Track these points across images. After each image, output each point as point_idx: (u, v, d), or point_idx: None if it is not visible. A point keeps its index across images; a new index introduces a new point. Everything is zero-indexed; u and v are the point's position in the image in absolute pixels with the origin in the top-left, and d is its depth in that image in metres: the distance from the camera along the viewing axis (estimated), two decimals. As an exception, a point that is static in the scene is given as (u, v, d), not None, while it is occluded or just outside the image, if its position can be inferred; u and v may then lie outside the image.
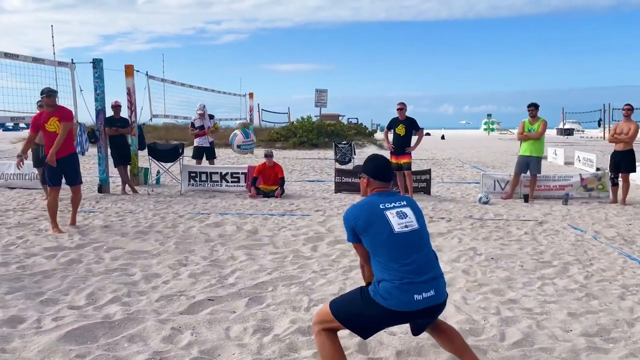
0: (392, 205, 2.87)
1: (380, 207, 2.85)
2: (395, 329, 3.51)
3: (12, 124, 40.63)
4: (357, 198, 9.92)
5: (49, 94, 6.88)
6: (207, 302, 4.25)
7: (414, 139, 9.93)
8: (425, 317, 2.82)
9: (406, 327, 3.26)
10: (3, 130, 47.73)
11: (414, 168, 10.24)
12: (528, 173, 9.66)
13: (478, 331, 3.72)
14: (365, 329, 2.84)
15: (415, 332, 3.05)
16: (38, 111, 8.96)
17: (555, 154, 19.10)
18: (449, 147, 29.17)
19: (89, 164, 15.59)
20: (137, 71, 11.88)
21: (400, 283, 2.68)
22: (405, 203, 2.94)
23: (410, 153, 9.62)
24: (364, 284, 3.10)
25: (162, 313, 4.01)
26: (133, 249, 6.02)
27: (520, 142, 10.02)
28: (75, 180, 7.03)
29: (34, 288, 4.59)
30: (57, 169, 6.78)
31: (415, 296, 2.68)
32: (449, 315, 3.93)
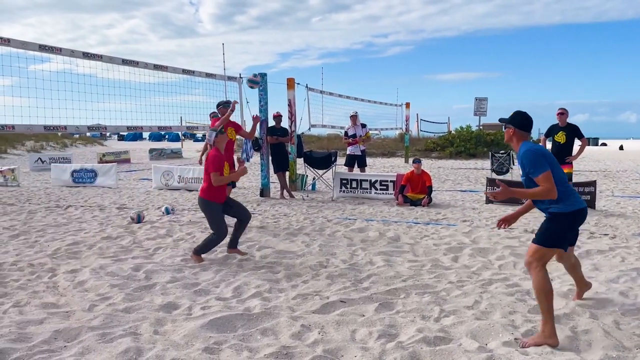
0: None
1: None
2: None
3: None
4: (509, 210, 9.36)
5: (225, 105, 8.77)
6: (339, 303, 4.39)
7: (576, 148, 9.14)
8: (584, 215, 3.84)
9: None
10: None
11: (579, 179, 9.41)
12: None
13: (627, 360, 3.34)
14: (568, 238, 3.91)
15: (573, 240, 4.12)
16: (211, 121, 9.98)
17: None
18: (627, 159, 26.15)
19: (251, 169, 16.85)
20: (298, 84, 12.60)
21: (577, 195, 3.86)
22: None
23: (571, 163, 8.88)
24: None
25: (296, 310, 4.24)
26: (281, 248, 6.43)
27: None
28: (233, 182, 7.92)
29: (192, 279, 5.14)
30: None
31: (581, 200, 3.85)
32: (595, 340, 3.59)
